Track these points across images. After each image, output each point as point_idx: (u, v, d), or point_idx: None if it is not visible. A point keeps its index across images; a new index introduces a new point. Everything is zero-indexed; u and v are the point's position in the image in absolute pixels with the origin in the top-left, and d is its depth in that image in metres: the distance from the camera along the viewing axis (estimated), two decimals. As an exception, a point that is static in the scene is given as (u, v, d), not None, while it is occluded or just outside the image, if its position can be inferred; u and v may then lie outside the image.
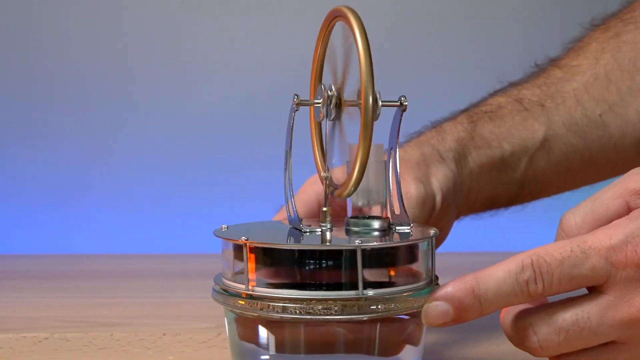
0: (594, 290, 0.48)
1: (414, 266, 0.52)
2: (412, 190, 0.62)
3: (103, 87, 1.15)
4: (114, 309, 0.77)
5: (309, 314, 0.49)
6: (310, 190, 0.63)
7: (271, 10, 1.14)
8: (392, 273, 0.51)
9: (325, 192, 0.54)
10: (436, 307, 0.49)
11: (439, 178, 0.65)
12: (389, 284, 0.50)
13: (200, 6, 1.15)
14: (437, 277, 0.54)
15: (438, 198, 0.64)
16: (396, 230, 0.52)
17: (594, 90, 0.71)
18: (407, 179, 0.63)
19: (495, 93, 0.74)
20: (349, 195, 0.52)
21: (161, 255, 1.07)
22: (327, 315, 0.49)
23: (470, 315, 0.48)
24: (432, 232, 0.53)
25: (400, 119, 0.53)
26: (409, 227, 0.53)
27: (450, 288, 0.49)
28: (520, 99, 0.71)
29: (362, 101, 0.49)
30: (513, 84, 0.74)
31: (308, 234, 0.53)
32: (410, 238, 0.51)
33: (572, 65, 0.73)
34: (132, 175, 1.15)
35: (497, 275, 0.48)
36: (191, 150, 1.16)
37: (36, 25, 1.14)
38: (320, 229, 0.53)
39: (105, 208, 1.15)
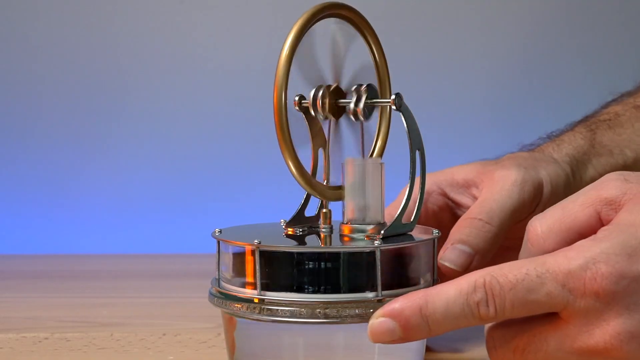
0: (554, 314, 0.45)
1: (416, 268, 0.51)
2: (512, 173, 0.59)
3: (103, 86, 1.15)
4: (114, 309, 0.77)
5: (309, 317, 0.49)
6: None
7: (271, 10, 1.14)
8: (393, 275, 0.51)
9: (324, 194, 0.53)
10: (382, 324, 0.46)
11: (549, 171, 0.62)
12: (390, 286, 0.50)
13: (200, 6, 1.15)
14: (438, 280, 0.54)
15: (547, 189, 0.61)
16: (394, 233, 0.52)
17: None
18: (508, 167, 0.60)
19: (610, 103, 0.72)
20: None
21: (161, 255, 1.07)
22: (328, 318, 0.49)
23: (417, 335, 0.45)
24: (434, 234, 0.53)
25: (406, 119, 0.53)
26: (409, 230, 0.53)
27: (397, 304, 0.45)
28: (637, 106, 0.70)
29: (274, 100, 0.50)
30: (627, 94, 0.72)
31: (307, 236, 0.53)
32: (413, 240, 0.51)
33: None
34: (132, 175, 1.15)
35: (448, 294, 0.45)
36: (191, 150, 1.16)
37: (35, 24, 1.14)
38: (320, 232, 0.54)
39: (105, 208, 1.15)
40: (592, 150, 0.67)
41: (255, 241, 0.50)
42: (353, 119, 0.53)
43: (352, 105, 0.53)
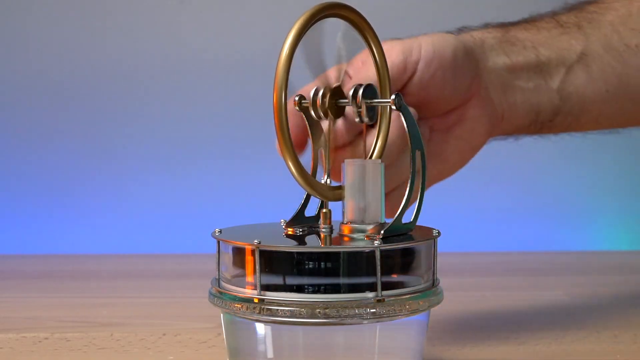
0: None
1: (417, 268, 0.51)
2: (385, 44, 0.59)
3: (103, 87, 1.15)
4: (114, 309, 0.77)
5: (309, 317, 0.49)
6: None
7: (271, 10, 1.14)
8: (395, 275, 0.50)
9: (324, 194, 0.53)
10: None
11: (433, 37, 0.62)
12: (390, 286, 0.50)
13: (200, 6, 1.15)
14: (438, 280, 0.54)
15: (427, 49, 0.61)
16: (394, 233, 0.52)
17: (630, 22, 0.70)
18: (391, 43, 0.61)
19: (528, 17, 0.71)
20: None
21: (161, 255, 1.07)
22: (328, 318, 0.49)
23: None
24: (434, 233, 0.53)
25: (406, 118, 0.53)
26: (409, 230, 0.53)
27: None
28: (556, 20, 0.69)
29: (274, 100, 0.49)
30: (547, 12, 0.71)
31: (307, 236, 0.53)
32: (413, 239, 0.51)
33: (606, 2, 0.71)
34: (132, 175, 1.15)
35: None
36: (191, 150, 1.16)
37: (37, 25, 1.14)
38: (320, 232, 0.53)
39: (105, 208, 1.15)
40: (504, 41, 0.66)
41: (255, 241, 0.50)
42: (355, 110, 0.53)
43: (353, 110, 0.53)
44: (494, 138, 0.68)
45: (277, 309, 0.49)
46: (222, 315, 0.53)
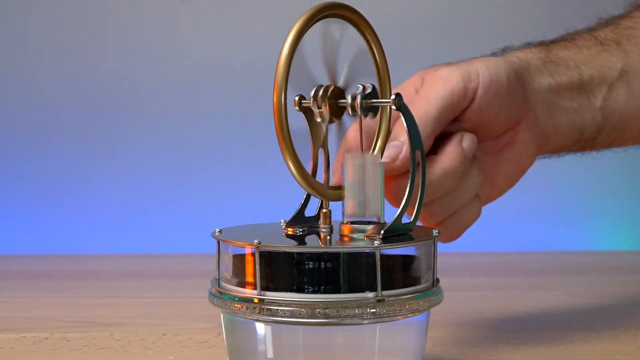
0: None
1: (416, 268, 0.51)
2: (443, 70, 0.61)
3: (103, 87, 1.15)
4: (114, 309, 0.77)
5: (309, 317, 0.49)
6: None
7: (271, 10, 1.14)
8: (395, 275, 0.50)
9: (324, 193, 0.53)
10: None
11: (486, 62, 0.63)
12: (390, 286, 0.50)
13: (200, 6, 1.15)
14: (438, 280, 0.54)
15: (484, 75, 0.62)
16: (394, 233, 0.52)
17: None
18: (442, 67, 0.62)
19: (565, 35, 0.71)
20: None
21: (161, 255, 1.07)
22: (328, 318, 0.49)
23: None
24: (434, 233, 0.53)
25: (406, 118, 0.53)
26: (409, 230, 0.53)
27: None
28: (595, 36, 0.69)
29: (274, 100, 0.50)
30: (584, 29, 0.71)
31: (307, 236, 0.53)
32: (413, 240, 0.51)
33: (639, 16, 0.71)
34: (132, 175, 1.15)
35: None
36: (191, 150, 1.16)
37: (36, 25, 1.14)
38: (320, 232, 0.53)
39: (105, 208, 1.15)
40: (547, 61, 0.67)
41: (255, 241, 0.50)
42: (351, 112, 0.53)
43: (349, 100, 0.53)
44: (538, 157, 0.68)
45: (277, 309, 0.49)
46: (222, 315, 0.53)
